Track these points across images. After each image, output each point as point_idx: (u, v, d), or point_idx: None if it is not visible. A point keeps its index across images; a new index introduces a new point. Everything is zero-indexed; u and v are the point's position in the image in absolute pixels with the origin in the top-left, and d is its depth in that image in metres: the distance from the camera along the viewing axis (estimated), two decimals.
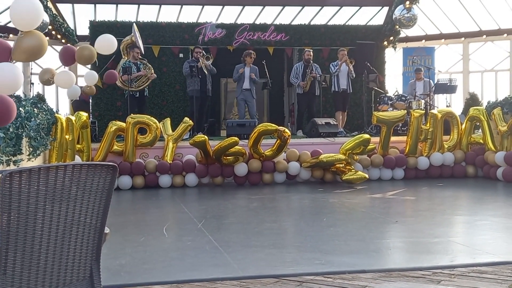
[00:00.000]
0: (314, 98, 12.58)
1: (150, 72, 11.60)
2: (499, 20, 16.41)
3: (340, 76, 12.45)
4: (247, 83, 12.08)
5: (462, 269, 4.06)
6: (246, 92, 12.15)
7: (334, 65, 12.53)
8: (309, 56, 12.42)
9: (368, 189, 8.99)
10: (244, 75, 12.07)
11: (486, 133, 10.14)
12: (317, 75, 12.31)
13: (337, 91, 12.56)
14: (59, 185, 2.38)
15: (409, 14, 14.08)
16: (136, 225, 6.43)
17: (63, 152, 8.66)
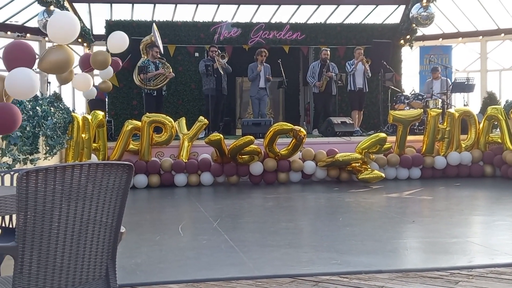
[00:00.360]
0: (330, 98, 12.54)
1: (168, 71, 11.61)
2: None
3: (356, 75, 12.39)
4: (262, 82, 12.07)
5: (480, 270, 4.00)
6: (261, 91, 12.14)
7: (350, 64, 12.46)
8: (326, 56, 12.37)
9: (385, 189, 8.94)
10: (259, 74, 12.06)
11: (504, 132, 10.03)
12: (333, 74, 12.25)
13: (353, 90, 12.50)
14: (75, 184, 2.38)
15: (426, 12, 13.97)
16: (152, 224, 6.44)
17: (79, 151, 8.71)
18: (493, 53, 17.24)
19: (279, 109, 15.91)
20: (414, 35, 15.16)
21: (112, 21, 14.15)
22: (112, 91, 11.68)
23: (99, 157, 9.42)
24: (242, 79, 15.48)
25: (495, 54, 17.23)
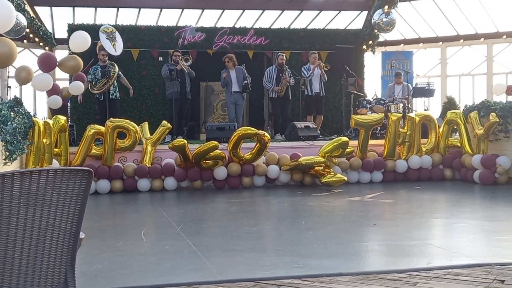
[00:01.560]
0: (287, 102, 12.64)
1: (112, 72, 11.38)
2: (476, 25, 16.64)
3: (313, 80, 12.49)
4: (235, 86, 12.07)
5: (439, 271, 4.09)
6: (235, 95, 12.14)
7: (307, 69, 12.52)
8: (282, 60, 12.44)
9: (347, 192, 9.04)
10: (230, 79, 12.06)
11: (463, 136, 10.25)
12: (292, 79, 12.35)
13: (309, 95, 12.59)
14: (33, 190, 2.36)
15: (387, 18, 14.19)
16: (114, 230, 6.39)
17: (40, 156, 8.56)
18: (452, 58, 17.62)
19: (243, 113, 15.91)
20: (376, 41, 15.40)
21: (75, 24, 13.97)
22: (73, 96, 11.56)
23: (61, 163, 9.28)
24: (206, 83, 15.47)
25: (454, 59, 17.62)
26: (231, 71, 12.09)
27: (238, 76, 12.08)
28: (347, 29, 16.02)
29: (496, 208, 7.45)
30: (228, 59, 12.15)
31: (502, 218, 6.44)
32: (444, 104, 14.10)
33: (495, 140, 9.94)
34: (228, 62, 12.11)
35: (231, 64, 12.10)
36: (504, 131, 9.73)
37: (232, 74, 12.09)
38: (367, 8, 15.72)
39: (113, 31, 11.63)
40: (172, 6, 15.21)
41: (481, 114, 10.11)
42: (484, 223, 6.28)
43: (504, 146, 9.84)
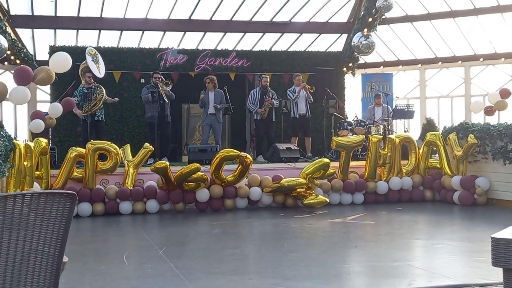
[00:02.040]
0: (271, 124, 12.71)
1: (100, 96, 11.41)
2: (454, 48, 16.92)
3: (299, 102, 12.57)
4: (211, 108, 12.11)
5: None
6: (211, 117, 12.17)
7: (292, 91, 12.62)
8: (266, 83, 12.54)
9: (329, 214, 9.08)
10: (208, 100, 12.11)
11: (442, 158, 10.37)
12: (276, 101, 12.44)
13: (295, 117, 12.67)
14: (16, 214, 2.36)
15: (367, 41, 14.40)
16: (96, 253, 6.35)
17: (21, 179, 8.49)
18: (431, 80, 17.87)
19: (225, 135, 15.96)
20: (356, 63, 15.59)
21: (56, 46, 13.96)
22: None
23: (42, 185, 9.21)
24: (188, 105, 15.51)
25: (433, 81, 17.86)
26: (210, 93, 12.14)
27: (216, 98, 12.12)
28: (328, 52, 16.20)
29: (475, 229, 7.55)
30: (209, 80, 12.21)
31: (481, 239, 6.50)
32: (424, 125, 14.26)
33: (474, 161, 10.09)
34: (208, 83, 12.17)
35: (211, 86, 12.16)
36: (482, 153, 9.87)
37: (210, 95, 12.13)
38: (347, 31, 15.95)
39: (96, 53, 11.66)
40: (154, 28, 15.27)
41: (460, 136, 10.27)
42: (464, 244, 6.36)
43: (482, 167, 9.98)
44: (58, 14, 14.35)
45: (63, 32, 15.24)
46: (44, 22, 14.50)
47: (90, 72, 11.53)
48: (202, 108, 12.44)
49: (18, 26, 14.29)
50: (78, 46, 14.34)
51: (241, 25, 15.56)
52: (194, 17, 15.05)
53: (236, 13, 15.13)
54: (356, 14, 15.46)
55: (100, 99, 11.40)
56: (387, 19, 15.34)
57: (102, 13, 14.36)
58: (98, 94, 11.44)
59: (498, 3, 15.07)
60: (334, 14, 15.90)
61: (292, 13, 15.49)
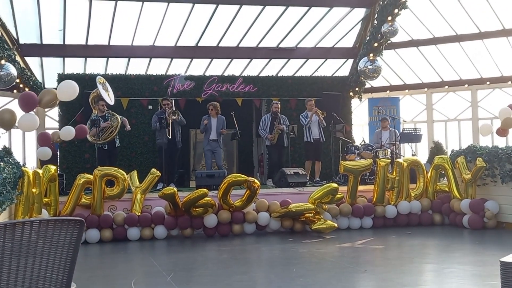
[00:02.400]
0: (283, 149, 12.71)
1: (116, 123, 11.52)
2: (460, 71, 16.97)
3: (312, 126, 12.58)
4: (214, 134, 12.16)
5: None
6: (212, 143, 12.22)
7: (304, 116, 12.64)
8: (276, 109, 12.59)
9: (337, 238, 9.03)
10: (210, 126, 12.16)
11: (451, 181, 10.33)
12: (284, 126, 12.45)
13: (309, 141, 12.67)
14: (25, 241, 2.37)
15: (373, 66, 14.46)
16: (104, 280, 6.33)
17: (29, 206, 8.51)
18: (438, 104, 17.88)
19: (233, 160, 16.00)
20: (362, 87, 15.64)
21: (65, 74, 14.10)
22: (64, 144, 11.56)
23: (50, 212, 9.22)
24: (195, 131, 15.56)
25: (440, 105, 17.88)
26: (213, 119, 12.21)
27: (218, 124, 12.18)
28: (334, 76, 16.28)
29: (485, 253, 7.48)
30: (213, 107, 12.28)
31: (492, 263, 6.44)
32: (431, 149, 14.26)
33: (483, 184, 10.03)
34: (212, 110, 12.24)
35: (214, 113, 12.22)
36: (491, 176, 9.82)
37: (213, 122, 12.20)
38: (353, 56, 16.04)
39: (104, 81, 11.77)
40: (161, 55, 15.42)
41: (468, 159, 10.23)
42: (474, 268, 6.30)
43: (491, 190, 9.92)
44: (67, 42, 14.53)
45: (71, 60, 15.42)
46: (52, 50, 14.68)
47: (102, 100, 11.62)
48: (203, 133, 12.49)
49: (27, 54, 14.47)
50: (86, 74, 14.49)
51: (247, 51, 15.69)
52: (201, 43, 15.20)
53: (243, 40, 15.27)
54: (362, 39, 15.56)
55: (117, 126, 11.50)
56: (392, 43, 15.44)
57: (110, 40, 14.52)
58: (114, 121, 11.54)
59: (503, 27, 15.14)
60: (340, 40, 16.02)
61: (298, 39, 15.61)
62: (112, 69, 15.48)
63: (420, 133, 13.33)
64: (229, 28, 14.60)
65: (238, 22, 14.49)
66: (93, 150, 12.52)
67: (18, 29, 13.85)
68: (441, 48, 16.25)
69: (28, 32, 14.21)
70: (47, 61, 15.52)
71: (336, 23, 15.27)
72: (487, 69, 16.65)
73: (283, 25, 14.89)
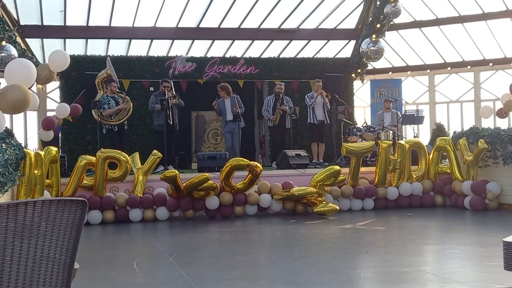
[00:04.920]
0: (285, 131, 12.67)
1: (129, 105, 11.51)
2: (463, 53, 16.87)
3: (316, 108, 12.53)
4: (229, 115, 12.07)
5: None
6: (230, 124, 12.13)
7: (310, 96, 12.58)
8: (280, 90, 12.51)
9: (339, 220, 9.05)
10: (224, 108, 12.09)
11: (453, 163, 10.32)
12: (287, 108, 12.40)
13: (313, 123, 12.62)
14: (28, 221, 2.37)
15: (375, 47, 14.39)
16: (107, 261, 6.35)
17: (31, 188, 8.54)
18: (440, 86, 17.81)
19: None
20: (364, 69, 15.58)
21: None
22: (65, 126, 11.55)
23: (52, 194, 9.25)
24: (197, 113, 15.55)
25: (442, 87, 17.81)
26: (226, 100, 12.13)
27: (232, 104, 12.09)
28: (336, 58, 16.21)
29: (487, 234, 7.50)
30: (220, 88, 12.22)
31: (493, 244, 6.45)
32: (433, 131, 14.24)
33: (485, 166, 10.03)
34: (220, 91, 12.18)
35: (224, 93, 12.14)
36: (493, 157, 9.81)
37: (226, 102, 12.12)
38: (355, 37, 15.95)
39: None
40: (163, 36, 15.34)
41: (470, 141, 10.21)
42: (475, 248, 6.31)
43: (493, 172, 9.92)
44: (67, 23, 14.45)
45: (72, 41, 15.34)
46: (53, 31, 14.60)
47: (113, 81, 11.59)
48: (220, 116, 12.45)
49: (28, 36, 14.40)
50: (88, 55, 14.43)
51: (249, 32, 15.61)
52: (202, 25, 15.11)
53: (244, 21, 15.17)
54: (364, 20, 15.47)
55: (130, 109, 11.47)
56: (395, 24, 15.34)
57: (111, 22, 14.44)
58: (127, 104, 11.50)
59: (506, 7, 15.02)
60: (342, 21, 15.91)
61: (300, 20, 15.52)
62: (113, 50, 15.41)
63: (422, 115, 13.30)
64: (231, 9, 14.50)
65: (240, 3, 14.39)
66: (94, 132, 12.49)
67: (19, 10, 13.76)
68: (444, 29, 16.14)
69: (29, 13, 14.13)
70: (48, 42, 15.44)
71: (339, 4, 15.17)
72: (490, 51, 16.55)
73: (285, 6, 14.79)
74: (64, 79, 13.67)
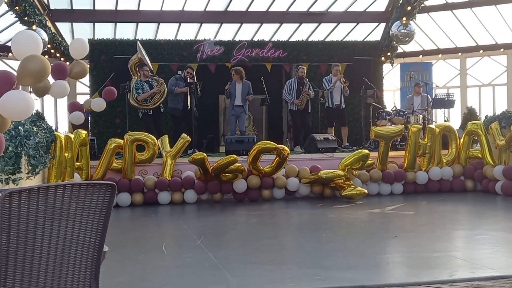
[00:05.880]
0: (307, 115, 12.57)
1: (163, 88, 11.51)
2: (496, 35, 16.53)
3: (334, 92, 12.41)
4: (238, 100, 12.04)
5: (462, 283, 4.06)
6: (237, 108, 12.11)
7: (328, 80, 12.46)
8: (302, 73, 12.38)
9: (367, 204, 8.99)
10: (234, 92, 12.06)
11: (484, 147, 10.15)
12: (312, 92, 12.30)
13: (330, 107, 12.52)
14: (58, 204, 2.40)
15: (406, 30, 14.17)
16: (135, 243, 6.42)
17: (62, 170, 8.66)
18: (472, 69, 17.51)
19: (262, 126, 15.96)
20: (394, 52, 15.37)
21: (95, 40, 14.15)
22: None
23: (82, 176, 9.37)
24: (224, 96, 15.53)
25: (474, 70, 17.50)
26: (237, 84, 12.08)
27: (243, 90, 12.04)
28: (365, 41, 16.02)
29: None
30: (235, 71, 12.14)
31: None
32: (465, 115, 14.00)
33: None
34: (234, 74, 12.11)
35: (238, 77, 12.06)
36: None
37: (237, 87, 12.07)
38: (385, 20, 15.74)
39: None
40: (191, 20, 15.35)
41: (502, 125, 10.02)
42: (507, 234, 6.21)
43: None
44: (97, 7, 14.55)
45: (101, 25, 15.46)
46: (82, 15, 14.72)
47: (145, 65, 11.62)
48: (228, 99, 12.44)
49: (58, 20, 14.55)
50: (116, 39, 14.49)
51: (277, 15, 15.52)
52: (230, 8, 15.07)
53: (273, 4, 15.09)
54: (395, 3, 15.23)
55: (164, 91, 11.48)
56: (426, 7, 15.07)
57: (139, 6, 14.50)
58: (161, 86, 11.50)
59: None
60: (372, 3, 15.72)
61: (329, 3, 15.37)
62: (141, 34, 15.46)
63: (453, 99, 13.07)
64: None
65: None
66: (123, 116, 12.61)
67: None
68: (477, 11, 15.81)
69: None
70: (77, 26, 15.59)
71: None
72: None
73: None
74: (93, 63, 13.77)
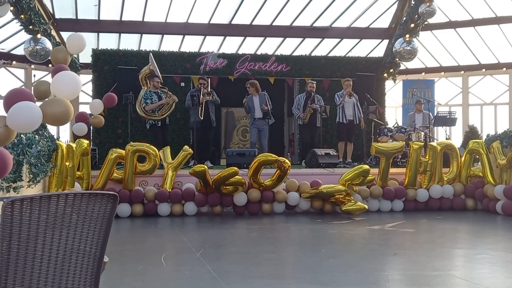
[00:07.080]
0: (315, 129, 12.55)
1: (172, 100, 11.53)
2: (498, 54, 16.58)
3: (346, 107, 12.35)
4: (258, 112, 12.05)
5: None
6: (258, 121, 12.10)
7: (339, 95, 12.43)
8: (311, 88, 12.38)
9: (367, 221, 8.97)
10: (253, 105, 12.07)
11: (485, 166, 10.14)
12: (318, 106, 12.29)
13: (342, 122, 12.46)
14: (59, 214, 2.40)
15: (409, 47, 14.22)
16: (134, 254, 6.40)
17: (63, 179, 8.66)
18: (474, 87, 17.54)
19: None
20: (397, 69, 15.40)
21: (99, 50, 14.21)
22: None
23: (83, 186, 9.37)
24: (227, 109, 15.58)
25: (476, 88, 17.53)
26: (255, 97, 12.09)
27: (261, 102, 12.05)
28: (368, 57, 16.05)
29: None
30: (250, 85, 12.17)
31: None
32: (466, 133, 14.01)
33: None
34: (249, 87, 12.14)
35: (253, 90, 12.09)
36: None
37: (255, 100, 12.07)
38: (388, 37, 15.79)
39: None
40: (195, 32, 15.42)
41: (504, 144, 10.03)
42: (506, 254, 6.19)
43: None
44: (101, 18, 14.62)
45: (105, 35, 15.53)
46: (87, 25, 14.78)
47: (156, 76, 11.66)
48: (248, 113, 12.45)
49: (62, 29, 14.61)
50: (120, 50, 14.55)
51: (281, 30, 15.59)
52: (234, 21, 15.14)
53: (276, 18, 15.16)
54: (398, 20, 15.30)
55: (173, 103, 11.50)
56: (429, 25, 15.14)
57: (144, 17, 14.56)
58: (170, 98, 11.52)
59: None
60: (375, 20, 15.79)
61: (333, 19, 15.44)
62: (145, 45, 15.55)
63: (455, 117, 13.09)
64: (263, 6, 14.50)
65: (272, 1, 14.37)
66: (125, 126, 12.63)
67: (54, 3, 13.98)
68: (480, 30, 15.88)
69: (63, 7, 14.34)
70: None
71: (372, 3, 15.05)
72: None
73: (317, 4, 14.73)
74: (96, 73, 13.82)
